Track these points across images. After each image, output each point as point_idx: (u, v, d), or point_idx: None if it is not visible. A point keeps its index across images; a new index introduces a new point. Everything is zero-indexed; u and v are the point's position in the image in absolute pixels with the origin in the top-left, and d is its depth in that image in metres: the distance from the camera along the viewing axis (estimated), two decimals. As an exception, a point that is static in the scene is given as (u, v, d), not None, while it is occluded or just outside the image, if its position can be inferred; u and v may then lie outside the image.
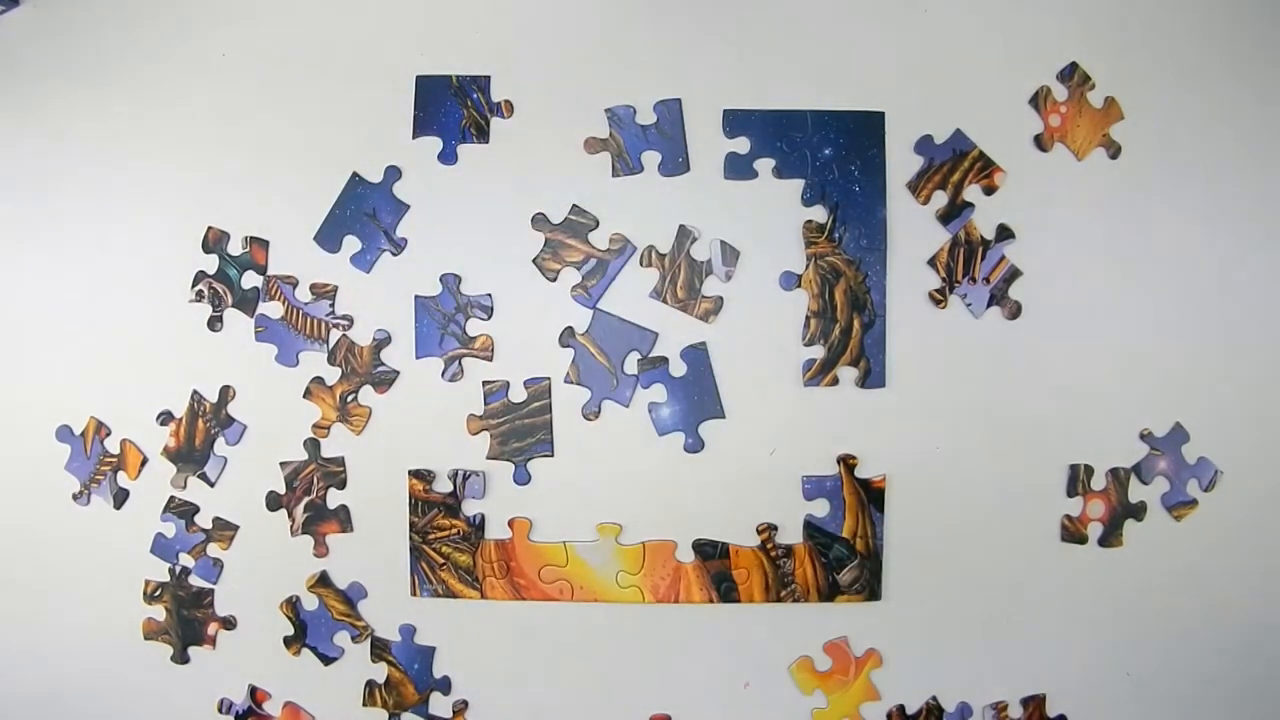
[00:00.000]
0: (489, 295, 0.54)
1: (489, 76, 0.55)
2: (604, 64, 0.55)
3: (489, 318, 0.54)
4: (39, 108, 0.56)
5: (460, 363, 0.55)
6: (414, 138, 0.55)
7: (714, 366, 0.54)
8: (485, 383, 0.54)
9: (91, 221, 0.56)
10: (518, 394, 0.54)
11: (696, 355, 0.54)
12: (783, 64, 0.54)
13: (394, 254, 0.55)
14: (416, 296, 0.55)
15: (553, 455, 0.54)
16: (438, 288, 0.55)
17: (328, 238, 0.55)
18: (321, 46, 0.56)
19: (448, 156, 0.55)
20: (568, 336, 0.54)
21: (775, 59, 0.55)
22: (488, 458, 0.54)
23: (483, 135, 0.55)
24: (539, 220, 0.54)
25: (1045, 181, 0.54)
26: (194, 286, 0.56)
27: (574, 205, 0.54)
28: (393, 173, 0.55)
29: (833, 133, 0.54)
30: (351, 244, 0.55)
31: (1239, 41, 0.55)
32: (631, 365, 0.54)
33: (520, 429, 0.54)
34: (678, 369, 0.54)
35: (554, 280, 0.54)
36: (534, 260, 0.54)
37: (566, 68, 0.55)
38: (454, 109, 0.55)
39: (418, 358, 0.55)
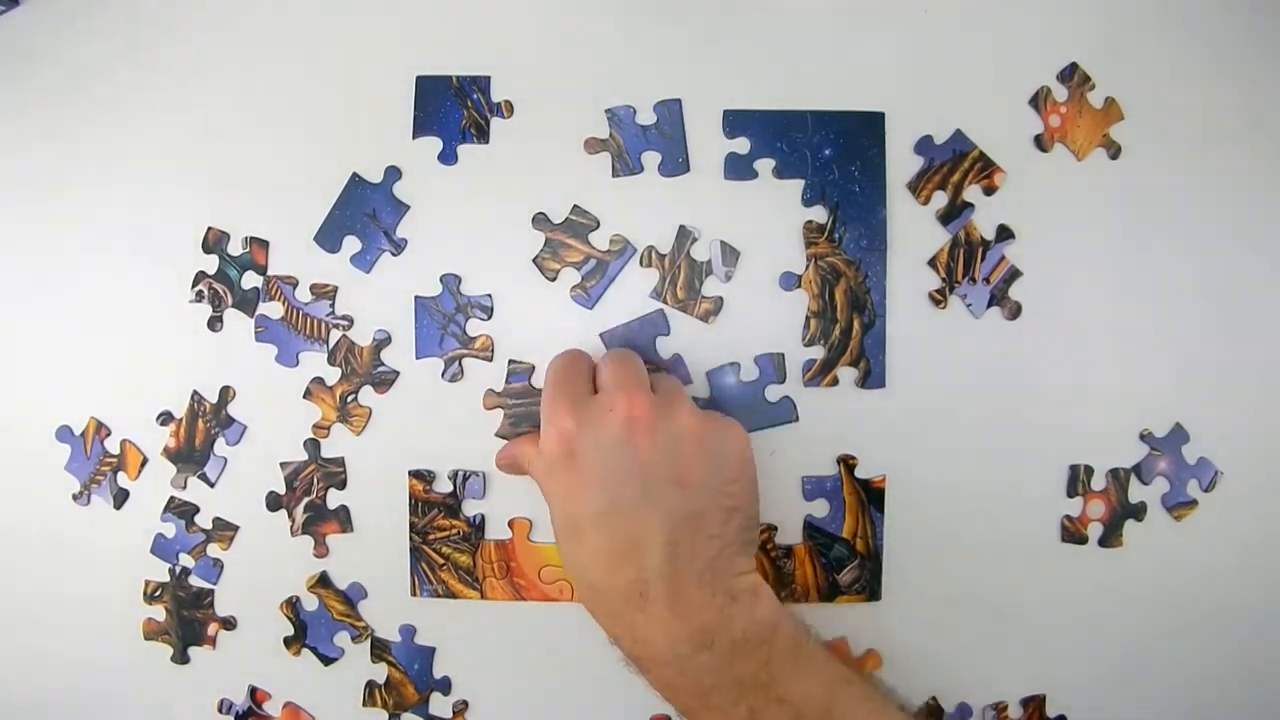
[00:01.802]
0: (489, 295, 0.54)
1: (489, 77, 0.55)
2: (604, 64, 0.55)
3: (489, 318, 0.54)
4: (38, 108, 0.56)
5: (460, 363, 0.54)
6: (414, 138, 0.55)
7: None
8: (511, 361, 0.54)
9: (91, 221, 0.56)
10: (539, 380, 0.54)
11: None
12: (783, 64, 0.55)
13: (394, 254, 0.55)
14: (416, 297, 0.55)
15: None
16: (438, 288, 0.55)
17: (328, 238, 0.55)
18: (322, 47, 0.56)
19: (448, 157, 0.55)
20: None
21: (775, 59, 0.55)
22: (495, 434, 0.54)
23: (483, 135, 0.55)
24: (539, 220, 0.54)
25: (1045, 181, 0.54)
26: (194, 286, 0.56)
27: (575, 205, 0.54)
28: (393, 173, 0.55)
29: (833, 133, 0.54)
30: (352, 244, 0.55)
31: (1240, 42, 0.55)
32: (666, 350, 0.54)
33: (534, 415, 0.53)
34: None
35: (554, 280, 0.54)
36: (534, 260, 0.54)
37: (566, 68, 0.55)
38: (454, 109, 0.55)
39: (418, 358, 0.55)
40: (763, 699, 0.42)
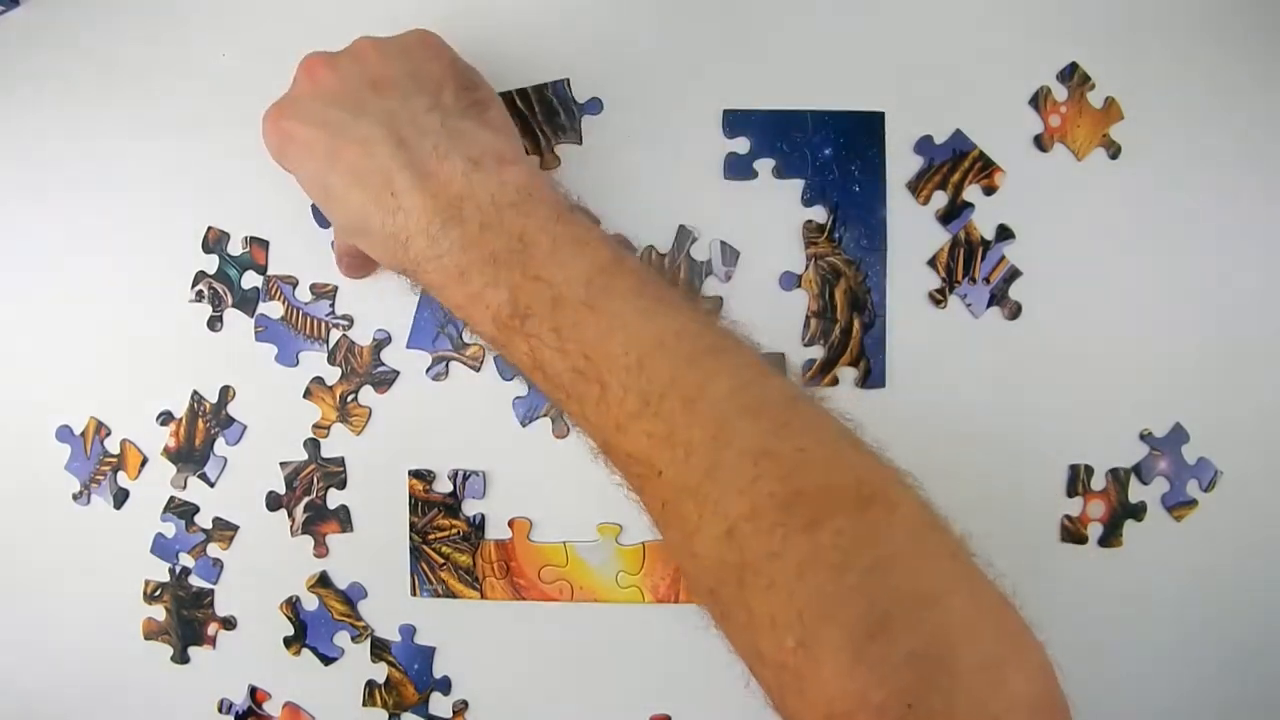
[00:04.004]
0: None
1: None
2: (604, 65, 0.55)
3: None
4: (38, 107, 0.56)
5: (447, 364, 0.54)
6: None
7: (714, 366, 0.54)
8: None
9: (91, 221, 0.56)
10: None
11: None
12: (783, 64, 0.54)
13: None
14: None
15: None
16: None
17: (325, 224, 0.55)
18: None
19: None
20: None
21: (775, 59, 0.55)
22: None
23: None
24: None
25: (1045, 181, 0.54)
26: (194, 286, 0.56)
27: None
28: None
29: (833, 133, 0.54)
30: None
31: (1240, 42, 0.55)
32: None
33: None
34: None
35: None
36: None
37: (566, 70, 0.54)
38: None
39: (407, 348, 0.54)
40: (521, 278, 0.39)
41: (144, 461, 0.56)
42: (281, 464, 0.55)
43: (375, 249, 0.43)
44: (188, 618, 0.56)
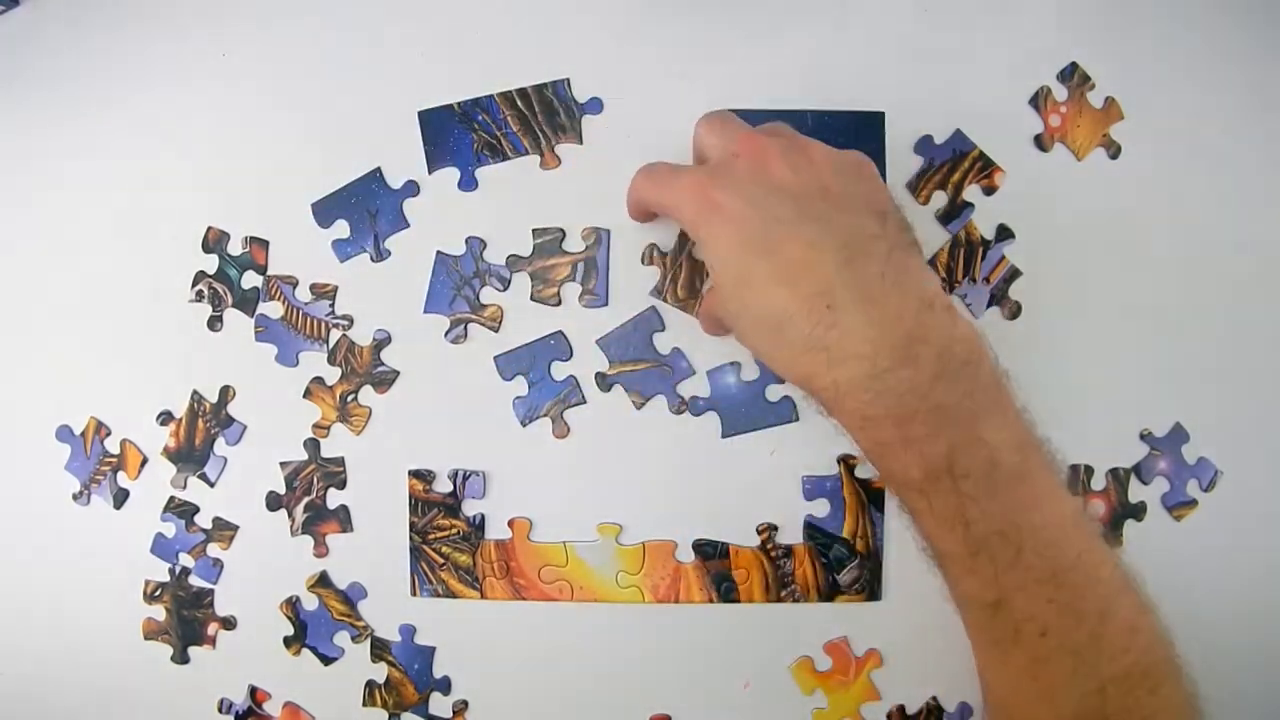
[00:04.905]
0: (509, 267, 0.54)
1: (491, 96, 0.54)
2: (602, 66, 0.55)
3: (505, 289, 0.54)
4: (38, 107, 0.56)
5: (466, 327, 0.54)
6: (430, 173, 0.55)
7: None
8: None
9: (91, 221, 0.56)
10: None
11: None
12: (783, 64, 0.55)
13: (373, 260, 0.54)
14: (438, 252, 0.54)
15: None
16: (462, 248, 0.54)
17: (324, 210, 0.55)
18: (324, 50, 0.56)
19: (467, 184, 0.54)
20: (600, 379, 0.54)
21: (775, 59, 0.55)
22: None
23: (497, 154, 0.54)
24: (513, 261, 0.54)
25: (1045, 181, 0.54)
26: (194, 286, 0.56)
27: (533, 229, 0.54)
28: (410, 188, 0.55)
29: (833, 133, 0.54)
30: (340, 229, 0.55)
31: (1240, 42, 0.55)
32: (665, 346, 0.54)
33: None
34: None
35: (558, 306, 0.54)
36: (531, 299, 0.54)
37: (566, 70, 0.54)
38: (463, 135, 0.54)
39: (425, 312, 0.54)
40: (964, 436, 0.39)
41: (144, 461, 0.56)
42: (281, 464, 0.55)
43: (778, 351, 0.41)
44: (188, 618, 0.56)
